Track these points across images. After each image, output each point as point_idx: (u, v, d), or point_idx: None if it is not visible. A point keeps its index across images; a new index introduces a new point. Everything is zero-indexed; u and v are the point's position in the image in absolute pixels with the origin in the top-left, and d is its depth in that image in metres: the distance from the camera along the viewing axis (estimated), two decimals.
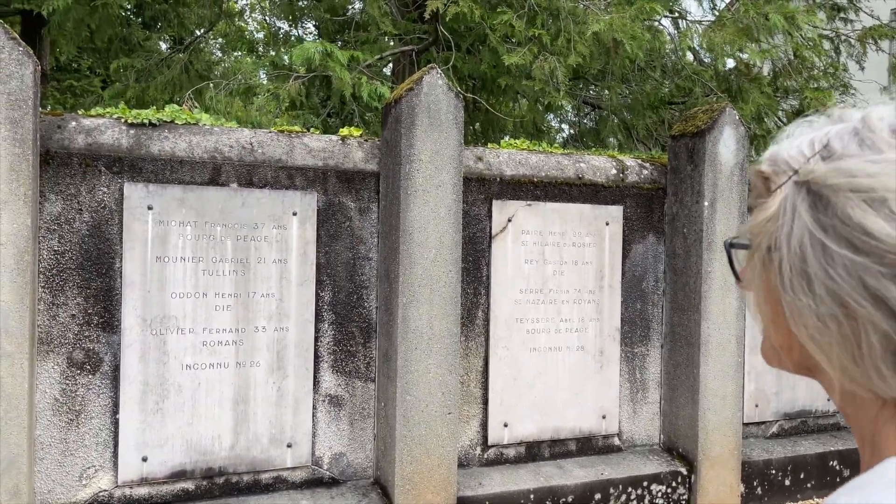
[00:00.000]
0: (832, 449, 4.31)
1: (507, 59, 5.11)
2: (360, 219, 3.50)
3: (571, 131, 10.35)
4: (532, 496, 3.55)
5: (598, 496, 3.70)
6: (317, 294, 3.40)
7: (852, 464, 4.32)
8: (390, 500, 3.30)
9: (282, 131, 3.41)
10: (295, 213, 3.32)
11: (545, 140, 8.33)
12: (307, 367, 3.36)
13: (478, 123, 8.33)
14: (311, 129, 3.64)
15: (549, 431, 3.90)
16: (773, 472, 4.14)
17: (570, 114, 9.99)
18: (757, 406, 4.37)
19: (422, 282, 3.29)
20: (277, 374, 3.30)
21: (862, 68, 5.91)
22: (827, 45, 5.74)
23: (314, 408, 3.40)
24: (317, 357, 3.40)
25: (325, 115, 6.00)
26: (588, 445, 3.99)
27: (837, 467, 4.29)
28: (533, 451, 3.88)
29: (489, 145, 4.02)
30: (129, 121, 3.09)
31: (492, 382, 3.79)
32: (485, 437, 3.79)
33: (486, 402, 3.79)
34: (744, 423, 4.31)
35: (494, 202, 3.79)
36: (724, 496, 3.90)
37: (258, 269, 3.26)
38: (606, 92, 6.05)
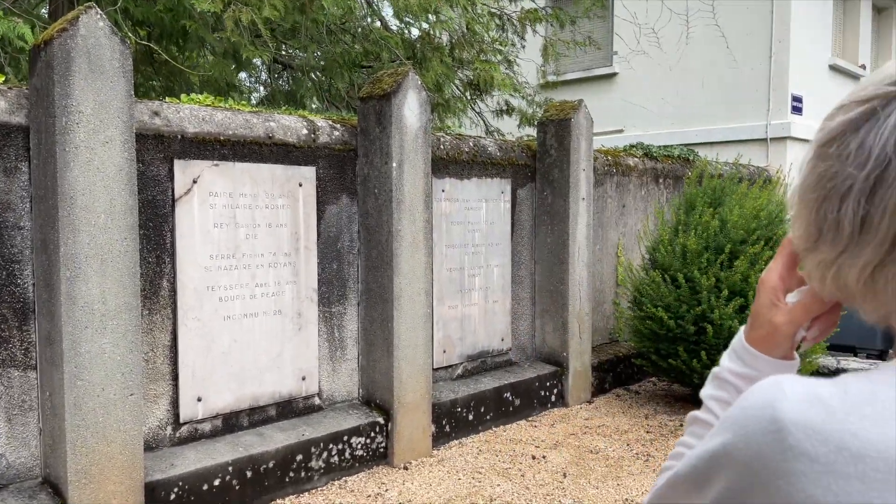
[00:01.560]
0: (506, 382, 4.88)
1: (197, 5, 4.70)
2: (6, 181, 2.96)
3: (266, 91, 10.04)
4: (230, 468, 3.42)
5: (299, 457, 3.71)
6: None
7: (521, 393, 4.96)
8: (63, 497, 2.91)
9: None
10: None
11: (240, 99, 7.93)
12: None
13: (160, 78, 7.61)
14: None
15: (247, 400, 3.78)
16: (459, 409, 4.56)
17: (262, 73, 9.65)
18: (445, 351, 4.75)
19: (90, 252, 2.91)
20: None
21: (524, 46, 6.67)
22: (495, 23, 6.35)
23: None
24: None
25: None
26: (289, 409, 3.97)
27: (510, 398, 4.88)
28: (231, 423, 3.73)
29: (168, 99, 3.68)
30: None
31: (182, 356, 3.54)
32: (176, 415, 3.54)
33: (176, 377, 3.53)
34: (434, 369, 4.66)
35: (176, 162, 3.49)
36: (417, 438, 4.19)
37: None
38: (300, 52, 5.94)
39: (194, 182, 3.55)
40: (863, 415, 0.55)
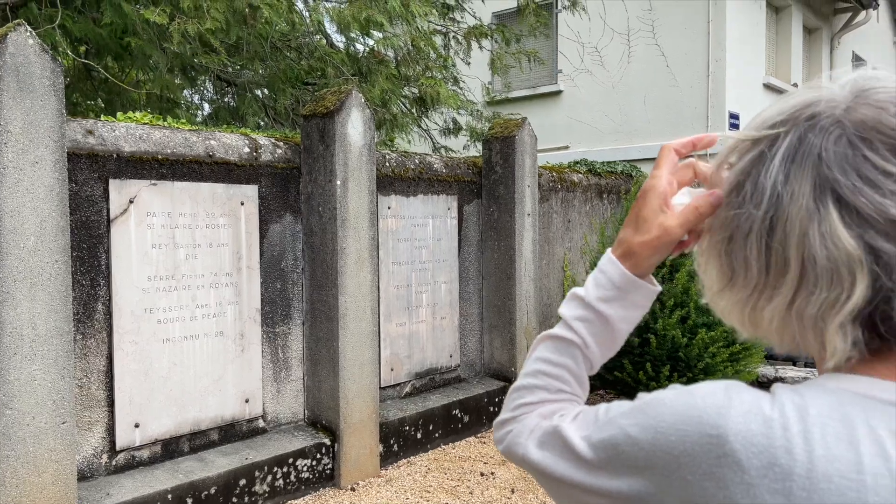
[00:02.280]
0: (454, 399, 4.88)
1: (146, 16, 4.62)
2: None
3: (211, 109, 9.89)
4: (170, 496, 3.32)
5: (243, 482, 3.63)
6: None
7: (470, 410, 4.96)
8: None
9: None
10: None
11: (184, 117, 7.77)
12: None
13: (102, 95, 7.40)
14: None
15: (188, 424, 3.69)
16: (407, 428, 4.53)
17: (208, 91, 9.51)
18: (392, 370, 4.72)
19: (18, 275, 2.81)
20: None
21: (468, 64, 6.75)
22: (440, 39, 6.41)
23: None
24: None
25: None
26: (232, 432, 3.88)
27: (459, 415, 4.88)
28: (171, 448, 3.63)
29: (103, 118, 3.60)
30: None
31: (118, 381, 3.43)
32: (112, 443, 3.43)
33: (112, 403, 3.42)
34: (382, 387, 4.63)
35: (112, 181, 3.40)
36: (365, 459, 4.15)
37: None
38: (244, 70, 5.88)
39: (131, 202, 3.47)
40: (795, 431, 0.57)
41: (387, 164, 4.68)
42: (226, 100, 8.15)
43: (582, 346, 0.85)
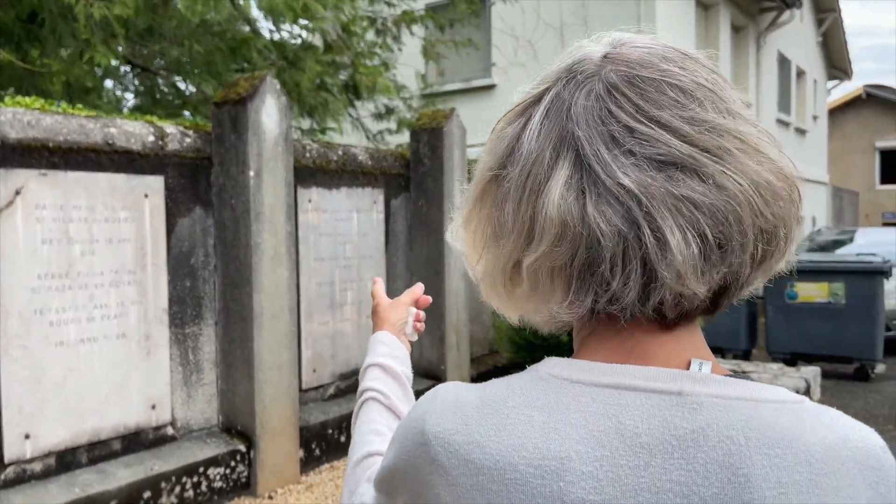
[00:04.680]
0: None
1: None
2: None
3: (136, 99, 9.43)
4: None
5: (147, 494, 3.38)
6: None
7: None
8: None
9: None
10: None
11: (104, 108, 7.30)
12: None
13: (18, 82, 6.87)
14: None
15: (86, 434, 3.41)
16: (330, 431, 4.35)
17: (134, 81, 9.03)
18: (315, 371, 4.52)
19: None
20: None
21: (401, 50, 6.57)
22: (370, 25, 6.21)
23: None
24: None
25: None
26: (137, 441, 3.62)
27: None
28: (67, 460, 3.35)
29: None
30: None
31: (5, 390, 3.14)
32: (0, 456, 3.13)
33: None
34: (304, 390, 4.42)
35: None
36: (284, 465, 3.94)
37: None
38: (158, 58, 5.55)
39: (17, 193, 3.17)
40: (490, 424, 0.57)
41: (307, 154, 4.47)
42: (162, 88, 7.71)
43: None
